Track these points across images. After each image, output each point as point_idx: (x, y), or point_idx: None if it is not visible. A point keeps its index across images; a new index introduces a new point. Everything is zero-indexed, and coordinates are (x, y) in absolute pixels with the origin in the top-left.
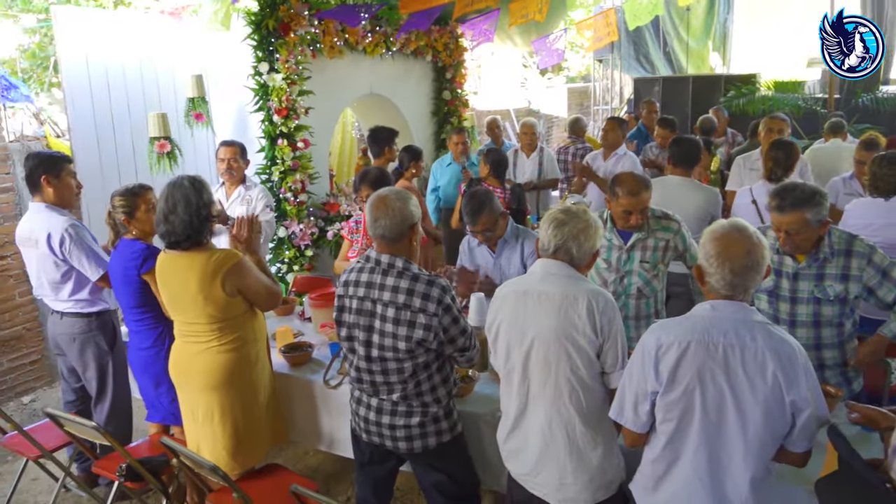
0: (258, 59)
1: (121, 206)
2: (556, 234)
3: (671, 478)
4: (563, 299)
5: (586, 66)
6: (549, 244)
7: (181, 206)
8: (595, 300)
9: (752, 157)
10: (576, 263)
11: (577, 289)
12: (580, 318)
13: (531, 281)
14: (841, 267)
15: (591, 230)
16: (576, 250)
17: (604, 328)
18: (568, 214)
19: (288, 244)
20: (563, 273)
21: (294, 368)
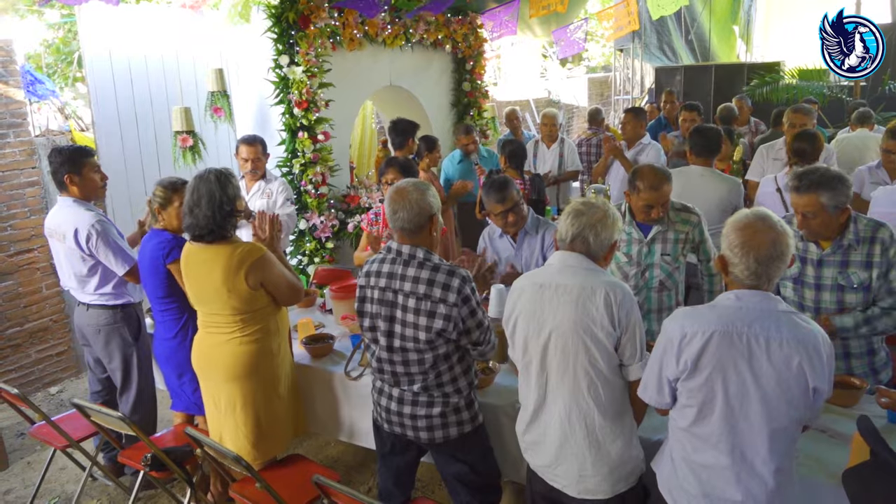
0: (278, 52)
1: (158, 196)
2: (574, 223)
3: (696, 463)
4: (581, 291)
5: (606, 56)
6: (566, 234)
7: (205, 201)
8: (612, 292)
9: (775, 146)
10: (593, 254)
11: (595, 281)
12: (598, 310)
13: (549, 273)
14: (865, 254)
15: (609, 221)
16: (592, 240)
17: (622, 320)
18: (586, 205)
19: (309, 236)
20: (580, 265)
21: (315, 360)
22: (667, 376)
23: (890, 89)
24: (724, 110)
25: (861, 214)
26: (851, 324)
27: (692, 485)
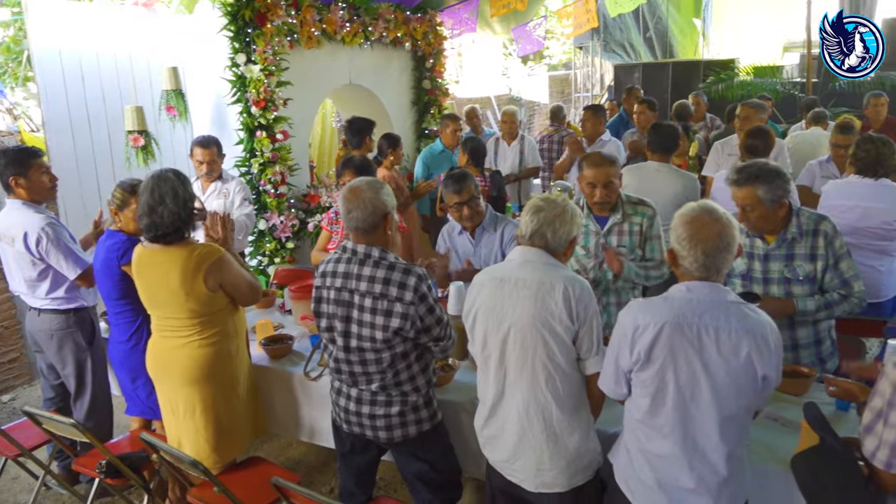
0: (235, 50)
1: (116, 198)
2: (533, 219)
3: (650, 453)
4: (540, 286)
5: (567, 54)
6: (526, 230)
7: (169, 198)
8: (571, 287)
9: (730, 142)
10: (552, 249)
11: (554, 275)
12: (557, 304)
13: (509, 268)
14: (809, 247)
15: (567, 216)
16: (551, 236)
17: (579, 314)
18: (545, 202)
19: (269, 236)
20: (540, 260)
21: (274, 361)
22: (622, 367)
23: (840, 85)
24: (680, 107)
25: (804, 208)
26: (813, 307)
27: (647, 475)
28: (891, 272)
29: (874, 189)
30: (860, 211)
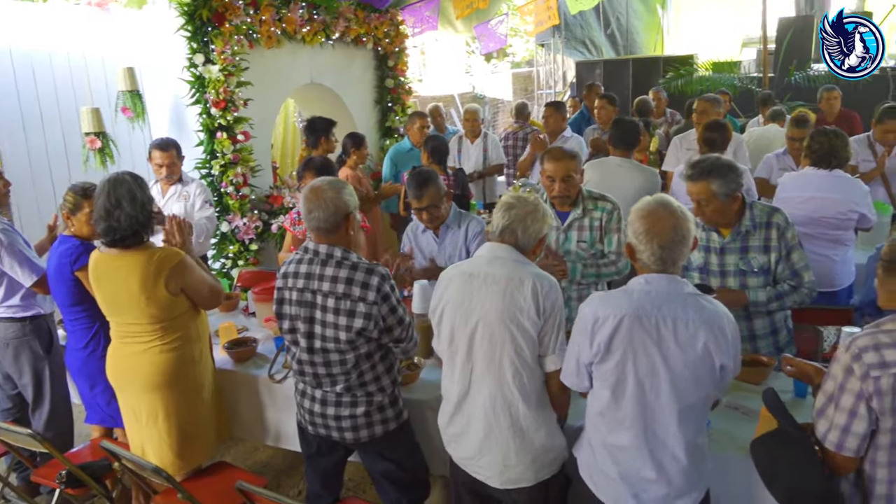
0: (192, 50)
1: (68, 202)
2: (504, 216)
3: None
4: (509, 281)
5: (530, 51)
6: (496, 226)
7: (126, 201)
8: (540, 283)
9: (688, 136)
10: (521, 246)
11: (523, 272)
12: (525, 300)
13: (478, 264)
14: (763, 239)
15: (539, 214)
16: (521, 233)
17: (546, 310)
18: (518, 199)
19: (231, 239)
20: (509, 257)
21: (238, 364)
22: (582, 360)
23: (796, 79)
24: (640, 103)
25: (756, 201)
26: (764, 298)
27: (610, 467)
28: (845, 261)
29: (829, 180)
30: (816, 202)
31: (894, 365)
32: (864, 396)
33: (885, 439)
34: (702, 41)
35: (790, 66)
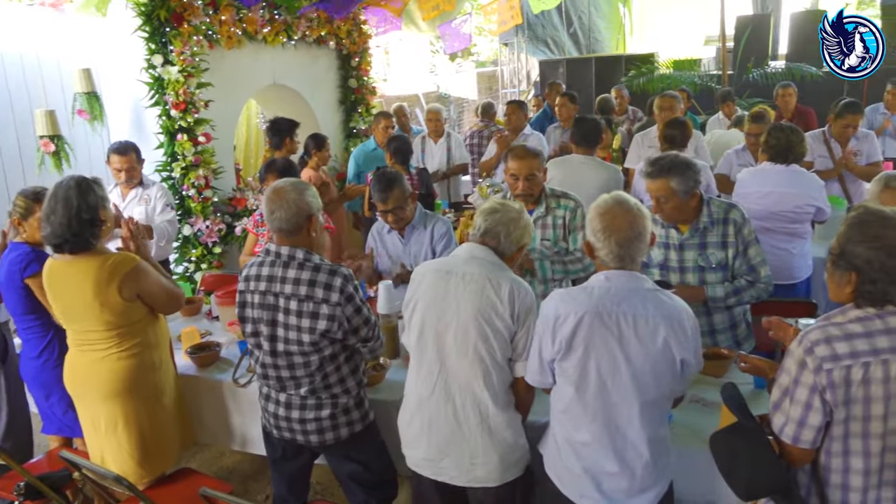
0: (151, 51)
1: (19, 207)
2: (488, 218)
3: (576, 441)
4: (487, 282)
5: (495, 51)
6: (479, 227)
7: (61, 207)
8: (517, 289)
9: (649, 134)
10: (501, 251)
11: (501, 275)
12: (502, 302)
13: (455, 262)
14: (720, 235)
15: (522, 223)
16: (504, 237)
17: (520, 316)
18: (502, 205)
19: (194, 242)
20: (487, 258)
21: (202, 369)
22: (545, 357)
23: (753, 77)
24: (602, 101)
25: (714, 198)
26: (722, 293)
27: (574, 463)
28: (803, 254)
29: (786, 175)
30: (775, 196)
31: (846, 357)
32: (818, 389)
33: (839, 430)
34: (664, 40)
35: (748, 64)
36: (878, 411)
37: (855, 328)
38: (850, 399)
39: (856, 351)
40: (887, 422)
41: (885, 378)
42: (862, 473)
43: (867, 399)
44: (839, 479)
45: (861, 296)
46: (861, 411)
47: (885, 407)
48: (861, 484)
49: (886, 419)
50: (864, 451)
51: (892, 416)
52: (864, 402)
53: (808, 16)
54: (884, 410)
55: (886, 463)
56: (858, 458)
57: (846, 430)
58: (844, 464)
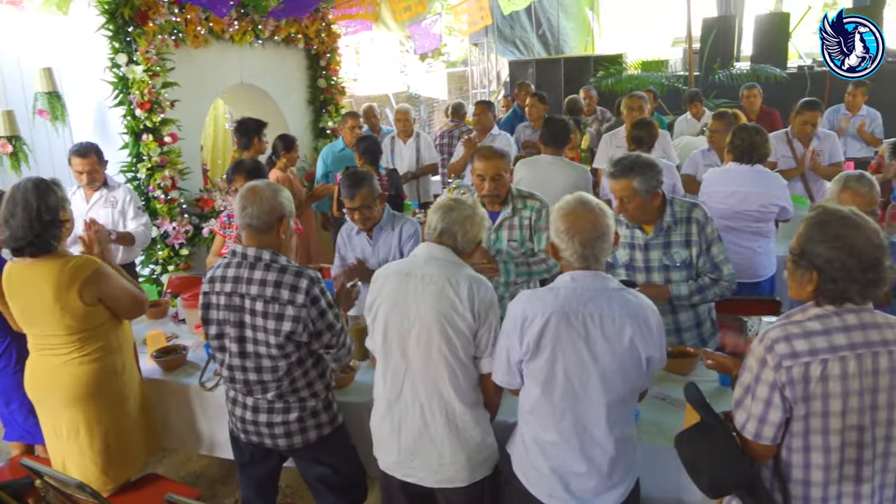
0: (114, 50)
1: None
2: (444, 218)
3: (543, 441)
4: (446, 282)
5: (465, 51)
6: (435, 227)
7: (20, 209)
8: (476, 286)
9: (617, 134)
10: (459, 249)
11: (460, 274)
12: (461, 301)
13: (415, 264)
14: (684, 234)
15: (477, 219)
16: (460, 236)
17: (481, 314)
18: (457, 202)
19: (161, 244)
20: (446, 258)
21: (168, 373)
22: (513, 358)
23: (719, 78)
24: (571, 102)
25: (676, 197)
26: (686, 292)
27: (541, 462)
28: (767, 253)
29: (751, 175)
30: (740, 195)
31: (805, 354)
32: (778, 386)
33: (799, 426)
34: (631, 41)
35: (714, 65)
36: (837, 407)
37: (814, 326)
38: (809, 395)
39: (815, 348)
40: (846, 418)
41: (842, 375)
42: (822, 468)
43: (826, 395)
44: (800, 475)
45: (821, 294)
46: (820, 407)
47: (844, 403)
48: (822, 479)
49: (845, 415)
50: (823, 446)
51: (851, 412)
52: (823, 399)
53: (772, 18)
54: (842, 406)
55: (846, 458)
56: (819, 453)
57: (806, 427)
58: (805, 459)
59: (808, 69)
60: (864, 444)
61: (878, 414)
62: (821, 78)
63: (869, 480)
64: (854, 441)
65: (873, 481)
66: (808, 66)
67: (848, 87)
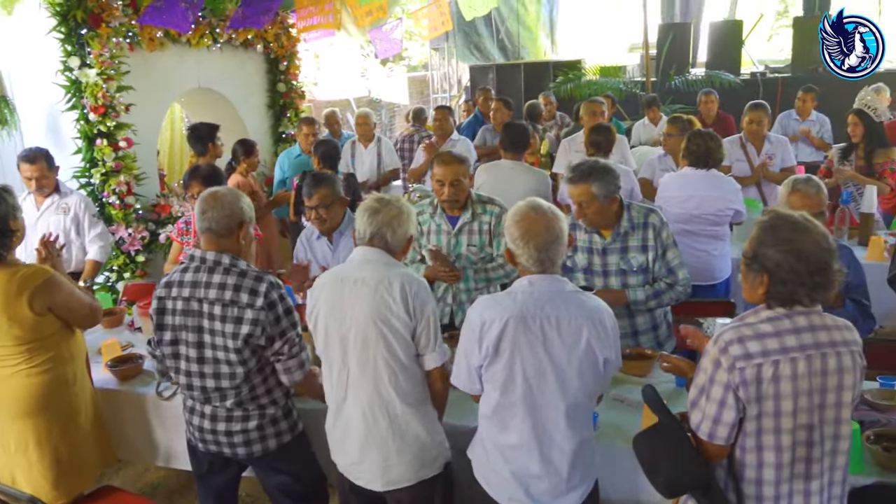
0: (67, 53)
1: None
2: (371, 222)
3: (503, 445)
4: (378, 284)
5: (425, 56)
6: (364, 232)
7: None
8: (409, 284)
9: (576, 139)
10: (391, 249)
11: (392, 273)
12: (395, 301)
13: (350, 268)
14: (641, 239)
15: (404, 217)
16: (390, 237)
17: (416, 311)
18: (381, 203)
19: (116, 250)
20: (380, 260)
21: (123, 383)
22: (473, 364)
23: (676, 83)
24: (530, 107)
25: (633, 202)
26: (643, 297)
27: (502, 467)
28: (723, 255)
29: (706, 179)
30: (697, 199)
31: (757, 356)
32: (732, 387)
33: (752, 426)
34: (588, 47)
35: (671, 71)
36: (788, 407)
37: (766, 328)
38: (761, 396)
39: (766, 350)
40: (796, 417)
41: (793, 375)
42: (774, 467)
43: (777, 396)
44: (753, 474)
45: (772, 297)
46: (772, 407)
47: (794, 403)
48: (773, 477)
49: (795, 414)
50: (775, 445)
51: (801, 411)
52: (775, 399)
53: (726, 26)
54: (793, 406)
55: (797, 456)
56: (771, 452)
57: (759, 426)
58: (758, 458)
59: (760, 75)
60: (813, 443)
61: (825, 413)
62: (773, 84)
63: (818, 477)
64: (804, 440)
65: (822, 479)
66: (761, 73)
67: (798, 93)
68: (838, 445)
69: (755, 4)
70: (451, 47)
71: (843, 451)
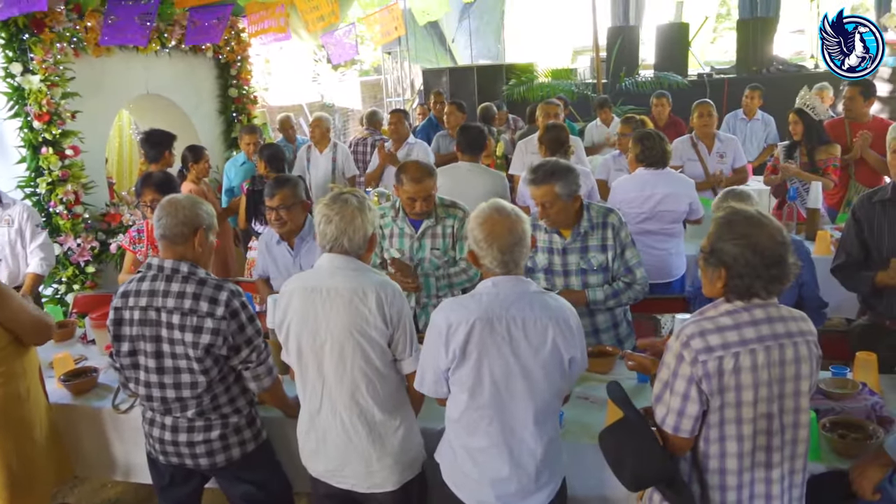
0: (8, 59)
1: None
2: (327, 229)
3: (472, 448)
4: (353, 294)
5: (378, 59)
6: (324, 240)
7: None
8: (384, 292)
9: (531, 141)
10: (355, 252)
11: (366, 282)
12: (371, 312)
13: (320, 276)
14: (600, 238)
15: (359, 221)
16: (348, 243)
17: (393, 318)
18: (333, 209)
19: (64, 262)
20: (349, 267)
21: (78, 397)
22: (440, 367)
23: (626, 85)
24: (484, 110)
25: (592, 202)
26: (602, 296)
27: (471, 469)
28: (678, 253)
29: (663, 177)
30: (658, 197)
31: (718, 349)
32: (695, 380)
33: (715, 417)
34: (534, 51)
35: (621, 73)
36: (749, 397)
37: (725, 321)
38: (723, 387)
39: (727, 342)
40: (757, 407)
41: (752, 366)
42: (736, 456)
43: (738, 387)
44: (717, 465)
45: (730, 290)
46: (734, 398)
47: (755, 393)
48: (736, 466)
49: (756, 404)
50: (737, 435)
51: (761, 401)
52: (736, 390)
53: (673, 28)
54: (753, 396)
55: (757, 445)
56: (733, 442)
57: (721, 417)
58: (721, 449)
59: (707, 76)
60: (772, 432)
61: (784, 402)
62: (719, 84)
63: (778, 466)
64: (764, 429)
65: (783, 467)
66: (707, 74)
67: (745, 91)
68: (798, 434)
69: (698, 7)
70: (403, 51)
71: (802, 439)
